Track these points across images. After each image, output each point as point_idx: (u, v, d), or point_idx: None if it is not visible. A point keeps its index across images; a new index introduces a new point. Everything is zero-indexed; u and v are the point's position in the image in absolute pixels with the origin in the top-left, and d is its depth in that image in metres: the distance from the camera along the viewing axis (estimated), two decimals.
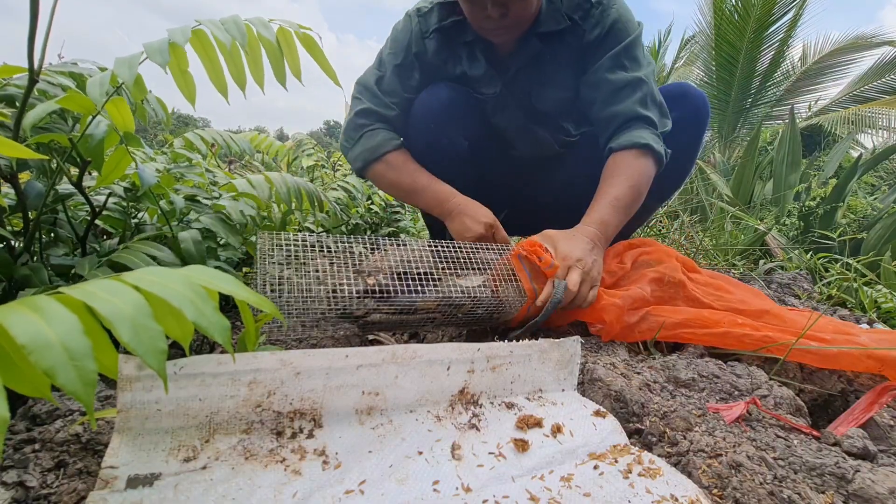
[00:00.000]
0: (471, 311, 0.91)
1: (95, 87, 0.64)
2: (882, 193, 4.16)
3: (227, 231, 0.91)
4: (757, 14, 6.66)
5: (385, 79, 1.32)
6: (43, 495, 0.47)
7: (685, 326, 0.95)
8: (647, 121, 1.18)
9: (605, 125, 1.23)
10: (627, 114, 1.18)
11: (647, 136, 1.15)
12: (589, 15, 1.20)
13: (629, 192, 1.12)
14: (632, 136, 1.15)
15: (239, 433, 0.53)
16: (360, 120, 1.30)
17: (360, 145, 1.28)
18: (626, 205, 1.11)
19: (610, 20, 1.20)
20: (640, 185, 1.14)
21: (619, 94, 1.19)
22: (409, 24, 1.32)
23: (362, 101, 1.32)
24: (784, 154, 3.33)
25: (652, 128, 1.18)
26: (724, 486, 0.55)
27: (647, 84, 1.19)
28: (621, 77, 1.19)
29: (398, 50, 1.31)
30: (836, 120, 7.18)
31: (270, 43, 0.72)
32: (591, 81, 1.24)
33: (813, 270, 2.01)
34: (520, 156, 1.49)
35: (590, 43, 1.22)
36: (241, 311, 0.59)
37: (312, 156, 2.49)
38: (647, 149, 1.14)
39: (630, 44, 1.20)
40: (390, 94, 1.31)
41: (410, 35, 1.31)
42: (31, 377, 0.38)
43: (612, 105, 1.20)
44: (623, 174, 1.14)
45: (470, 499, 0.50)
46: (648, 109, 1.18)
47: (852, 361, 0.86)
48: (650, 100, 1.19)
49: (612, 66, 1.20)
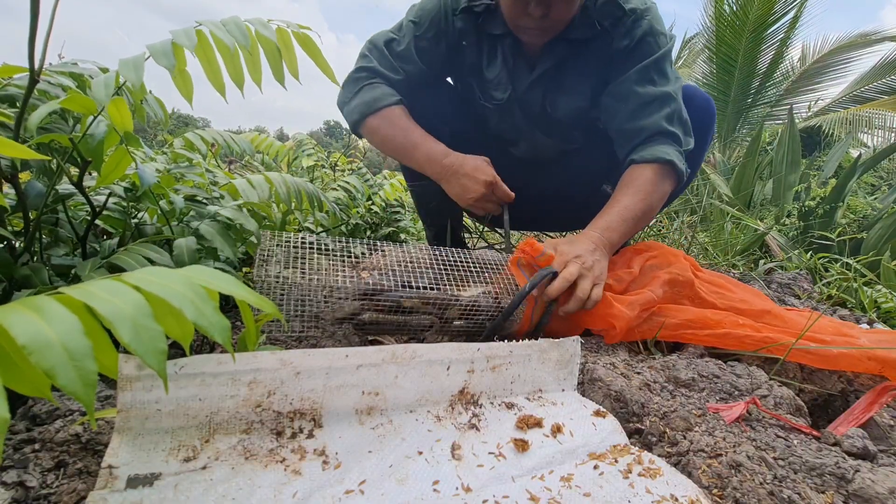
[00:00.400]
0: (469, 315, 0.90)
1: (101, 88, 0.64)
2: (882, 193, 4.16)
3: (223, 242, 0.90)
4: (756, 14, 6.66)
5: (400, 43, 1.26)
6: (43, 495, 0.47)
7: (687, 327, 0.95)
8: (673, 137, 1.16)
9: (628, 138, 1.20)
10: (653, 128, 1.15)
11: (671, 153, 1.13)
12: (620, 23, 1.17)
13: (640, 205, 1.10)
14: (655, 151, 1.13)
15: (239, 433, 0.53)
16: (360, 74, 1.25)
17: (358, 97, 1.23)
18: (634, 217, 1.09)
19: (641, 31, 1.17)
20: (653, 200, 1.12)
21: (647, 109, 1.16)
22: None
23: (370, 58, 1.27)
24: (784, 154, 3.33)
25: (676, 145, 1.16)
26: (724, 486, 0.55)
27: (675, 100, 1.17)
28: (650, 91, 1.16)
29: (423, 20, 1.26)
30: (835, 120, 7.18)
31: (270, 42, 0.72)
32: (617, 92, 1.21)
33: (813, 270, 2.01)
34: (519, 155, 1.49)
35: (617, 52, 1.19)
36: (241, 311, 0.59)
37: (312, 156, 2.49)
38: (669, 165, 1.13)
39: (660, 57, 1.17)
40: (402, 59, 1.26)
41: (440, 8, 1.25)
42: (31, 377, 0.38)
43: (638, 119, 1.17)
44: (638, 187, 1.12)
45: (470, 499, 0.50)
46: (674, 126, 1.16)
47: (852, 363, 0.86)
48: (677, 117, 1.17)
49: (640, 78, 1.17)
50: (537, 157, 1.49)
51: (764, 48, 7.18)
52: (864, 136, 7.22)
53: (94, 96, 0.64)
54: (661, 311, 0.97)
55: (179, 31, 0.68)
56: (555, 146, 1.43)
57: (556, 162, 1.49)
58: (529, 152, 1.47)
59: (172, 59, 0.65)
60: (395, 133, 1.23)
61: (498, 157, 1.50)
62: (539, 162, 1.50)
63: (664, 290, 1.02)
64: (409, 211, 2.22)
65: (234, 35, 0.68)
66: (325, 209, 1.37)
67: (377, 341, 0.96)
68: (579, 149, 1.45)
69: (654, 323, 0.96)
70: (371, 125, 1.24)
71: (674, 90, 1.18)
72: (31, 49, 0.61)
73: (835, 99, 8.16)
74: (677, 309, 0.98)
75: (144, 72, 0.65)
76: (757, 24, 6.76)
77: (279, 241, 0.87)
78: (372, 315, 0.86)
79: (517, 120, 1.36)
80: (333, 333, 0.88)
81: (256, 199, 1.07)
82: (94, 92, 0.64)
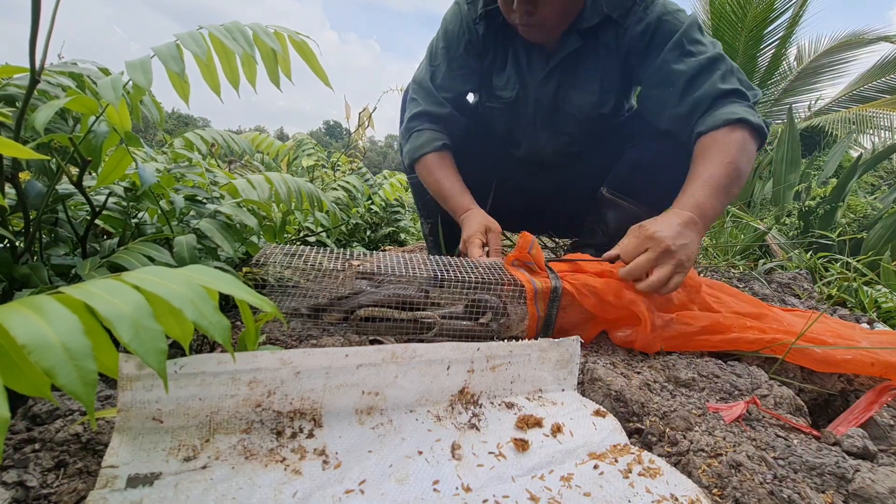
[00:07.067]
0: (472, 312, 0.90)
1: (109, 90, 0.65)
2: (882, 193, 4.16)
3: (223, 238, 0.90)
4: (755, 12, 6.65)
5: (438, 73, 1.32)
6: (43, 495, 0.47)
7: (703, 333, 0.90)
8: (736, 94, 1.05)
9: (687, 118, 1.08)
10: (711, 95, 1.05)
11: (739, 110, 1.01)
12: (630, 12, 1.14)
13: (725, 168, 0.97)
14: (719, 115, 1.02)
15: (239, 432, 0.53)
16: (412, 123, 1.34)
17: (409, 143, 1.33)
18: (723, 184, 0.96)
19: (656, 14, 1.12)
20: (737, 160, 0.97)
21: (697, 81, 1.07)
22: (459, 11, 1.29)
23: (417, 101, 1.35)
24: (783, 153, 3.33)
25: (743, 100, 1.04)
26: (724, 485, 0.55)
27: (723, 60, 1.08)
28: (692, 63, 1.08)
29: (451, 41, 1.30)
30: (835, 120, 7.17)
31: (268, 48, 0.74)
32: (658, 80, 1.13)
33: (813, 270, 2.01)
34: (521, 157, 1.49)
35: (635, 41, 1.15)
36: (241, 311, 0.59)
37: (312, 156, 2.49)
38: (740, 122, 1.00)
39: (688, 27, 1.10)
40: (444, 89, 1.32)
41: (461, 22, 1.28)
42: (31, 377, 0.38)
43: (691, 94, 1.07)
44: (716, 153, 0.99)
45: (470, 498, 0.50)
46: (732, 83, 1.05)
47: (854, 368, 0.86)
48: (729, 74, 1.07)
49: (678, 56, 1.09)
50: (539, 161, 1.49)
51: (763, 47, 7.17)
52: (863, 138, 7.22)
53: (103, 97, 0.64)
54: (681, 319, 0.92)
55: (186, 36, 0.68)
56: (558, 149, 1.43)
57: (558, 166, 1.49)
58: (532, 156, 1.47)
59: (182, 63, 0.66)
60: (430, 181, 1.33)
61: (501, 161, 1.50)
62: (541, 166, 1.50)
63: (677, 295, 0.97)
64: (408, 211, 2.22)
65: (238, 42, 0.70)
66: (325, 209, 1.37)
67: (377, 341, 0.96)
68: (580, 152, 1.45)
69: (674, 329, 0.90)
70: (418, 171, 1.35)
71: (718, 52, 1.09)
72: (31, 49, 0.61)
73: (834, 98, 8.16)
74: (692, 316, 0.93)
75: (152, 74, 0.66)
76: (756, 22, 6.76)
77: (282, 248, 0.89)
78: (371, 309, 0.86)
79: (525, 118, 1.37)
80: (333, 333, 0.88)
81: (256, 198, 1.07)
82: (103, 93, 0.64)
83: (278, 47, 0.74)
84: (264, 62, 0.76)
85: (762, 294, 1.61)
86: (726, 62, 1.08)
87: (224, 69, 0.73)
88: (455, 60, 1.30)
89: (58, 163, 0.74)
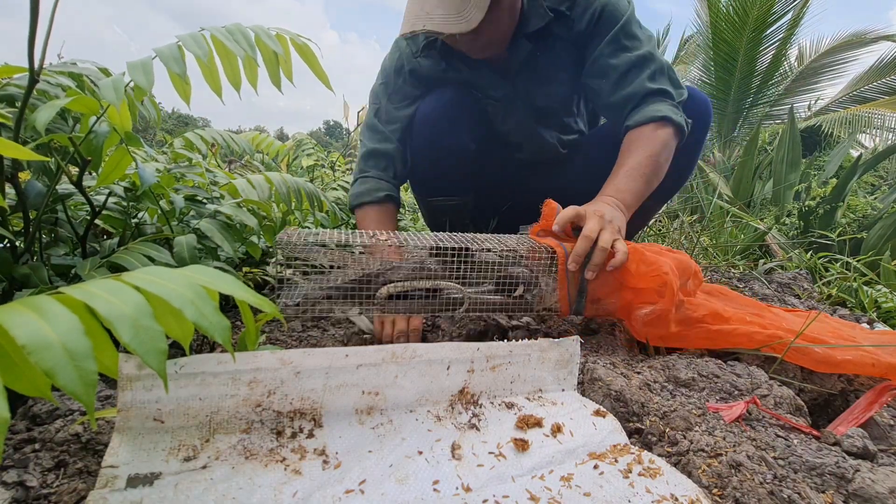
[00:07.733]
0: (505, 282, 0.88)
1: (110, 90, 0.65)
2: (882, 193, 4.16)
3: (223, 238, 0.90)
4: (756, 13, 6.65)
5: (381, 109, 1.34)
6: (43, 495, 0.47)
7: (706, 322, 0.91)
8: (662, 93, 1.14)
9: (618, 110, 1.18)
10: (640, 92, 1.14)
11: (664, 109, 1.11)
12: (576, 4, 1.18)
13: (647, 160, 1.06)
14: (647, 112, 1.11)
15: (239, 432, 0.53)
16: (360, 164, 1.36)
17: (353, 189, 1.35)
18: (644, 174, 1.06)
19: (599, 5, 1.17)
20: (658, 153, 1.08)
21: (628, 76, 1.15)
22: (398, 47, 1.33)
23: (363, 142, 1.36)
24: (784, 153, 3.33)
25: (669, 99, 1.14)
26: (724, 485, 0.55)
27: (653, 59, 1.16)
28: (625, 59, 1.15)
29: (388, 76, 1.34)
30: (835, 120, 7.17)
31: (270, 51, 0.74)
32: (594, 71, 1.21)
33: (813, 270, 2.01)
34: (523, 158, 1.49)
35: (581, 32, 1.20)
36: (241, 311, 0.59)
37: (312, 156, 2.50)
38: (664, 120, 1.10)
39: (626, 22, 1.17)
40: (389, 122, 1.33)
41: (400, 56, 1.32)
42: (31, 377, 0.38)
43: (622, 88, 1.16)
44: (639, 146, 1.08)
45: (470, 498, 0.50)
46: (660, 82, 1.15)
47: (854, 368, 0.86)
48: (659, 73, 1.15)
49: (613, 50, 1.16)
50: (539, 160, 1.49)
51: (763, 48, 7.17)
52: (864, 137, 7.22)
53: (104, 97, 0.64)
54: (690, 304, 0.92)
55: (187, 38, 0.69)
56: (556, 141, 1.43)
57: (558, 163, 1.49)
58: (533, 155, 1.47)
59: (183, 64, 0.67)
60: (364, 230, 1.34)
61: (502, 160, 1.50)
62: (541, 165, 1.50)
63: (679, 279, 0.96)
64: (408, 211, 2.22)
65: (240, 44, 0.70)
66: (325, 209, 1.37)
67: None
68: (579, 147, 1.45)
69: (681, 313, 0.90)
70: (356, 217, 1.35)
71: (649, 49, 1.17)
72: (30, 49, 0.61)
73: (834, 98, 8.16)
74: (696, 303, 0.93)
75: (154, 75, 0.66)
76: (757, 24, 6.76)
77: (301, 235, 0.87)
78: (392, 287, 0.83)
79: (520, 114, 1.37)
80: (335, 333, 0.88)
81: (256, 198, 1.07)
82: (104, 93, 0.65)
83: (280, 50, 0.74)
84: (266, 64, 0.76)
85: (762, 294, 1.61)
86: (656, 61, 1.16)
87: (226, 71, 0.74)
88: (396, 93, 1.33)
89: (58, 163, 0.74)
